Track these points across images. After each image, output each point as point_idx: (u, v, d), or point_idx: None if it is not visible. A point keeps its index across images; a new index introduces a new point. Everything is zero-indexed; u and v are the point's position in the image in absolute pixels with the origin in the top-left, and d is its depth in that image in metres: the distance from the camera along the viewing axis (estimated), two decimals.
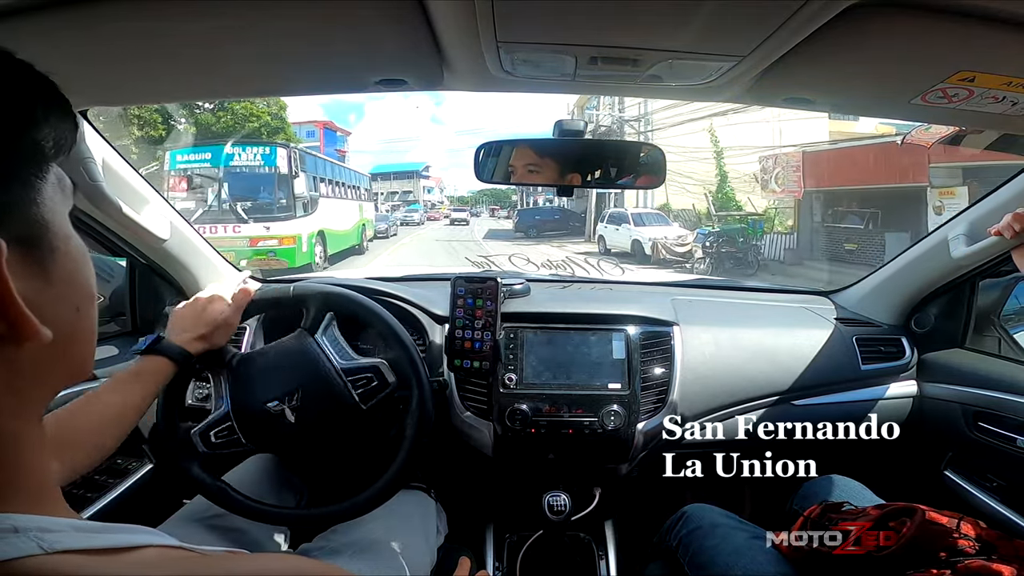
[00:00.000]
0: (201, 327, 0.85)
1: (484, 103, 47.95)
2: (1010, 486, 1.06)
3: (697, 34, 0.62)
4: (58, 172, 0.35)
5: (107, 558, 0.30)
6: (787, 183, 11.78)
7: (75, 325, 0.35)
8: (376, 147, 71.07)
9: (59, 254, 0.33)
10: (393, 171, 49.78)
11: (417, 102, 65.63)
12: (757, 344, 1.26)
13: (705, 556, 0.91)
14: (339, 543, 0.90)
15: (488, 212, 40.32)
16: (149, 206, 1.10)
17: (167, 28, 0.63)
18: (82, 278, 0.36)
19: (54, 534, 0.29)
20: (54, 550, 0.28)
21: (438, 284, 1.35)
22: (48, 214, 0.33)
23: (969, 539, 0.76)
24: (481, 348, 1.09)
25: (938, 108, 0.75)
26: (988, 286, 1.28)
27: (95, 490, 1.06)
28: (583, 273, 1.70)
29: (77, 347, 0.36)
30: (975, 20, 0.58)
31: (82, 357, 0.37)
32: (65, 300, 0.34)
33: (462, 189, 55.45)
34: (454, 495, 1.24)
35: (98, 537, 0.31)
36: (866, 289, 1.42)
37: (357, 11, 0.62)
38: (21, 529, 0.28)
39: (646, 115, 15.02)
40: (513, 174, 0.96)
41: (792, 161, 11.64)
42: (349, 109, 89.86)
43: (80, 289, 0.36)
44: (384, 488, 0.89)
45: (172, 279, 1.28)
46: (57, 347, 0.32)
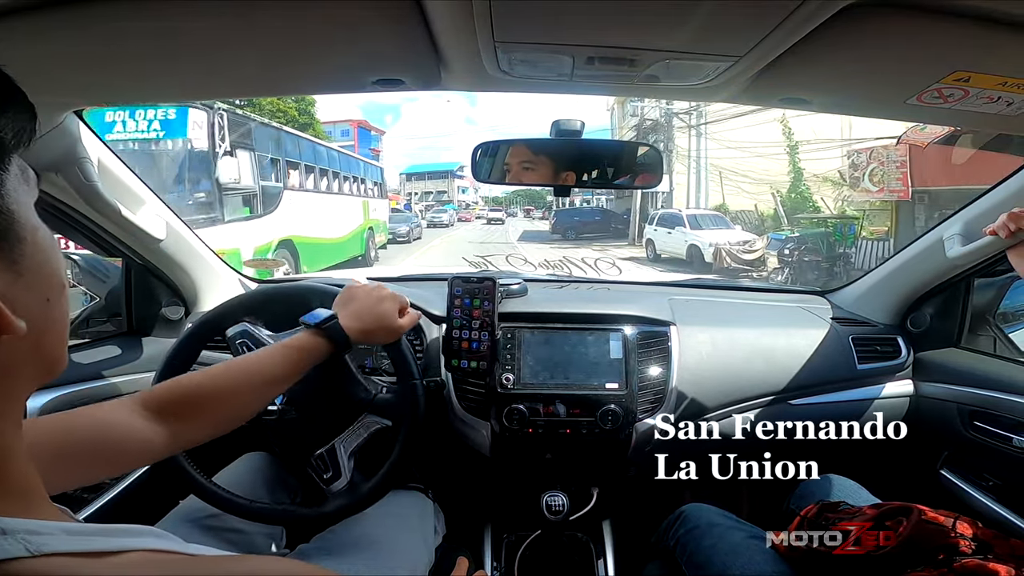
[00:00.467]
0: (371, 321, 0.83)
1: (518, 103, 47.92)
2: (1006, 485, 1.07)
3: (694, 34, 0.62)
4: (20, 163, 0.35)
5: (94, 561, 0.30)
6: (888, 181, 9.49)
7: (46, 316, 0.35)
8: (411, 147, 71.11)
9: (27, 244, 0.33)
10: (428, 171, 49.13)
11: (448, 96, 65.57)
12: (754, 344, 1.26)
13: (703, 555, 0.91)
14: (336, 543, 0.90)
15: (522, 213, 39.47)
16: (145, 206, 1.10)
17: (165, 28, 0.63)
18: (51, 268, 0.36)
19: (42, 537, 0.29)
20: (41, 553, 0.28)
21: (435, 284, 1.35)
22: (12, 204, 0.32)
23: (965, 538, 0.76)
24: (478, 348, 1.09)
25: (934, 108, 0.75)
26: (983, 285, 1.29)
27: (93, 491, 1.05)
28: (580, 273, 1.70)
29: (49, 338, 0.36)
30: (971, 20, 0.58)
31: (55, 349, 0.37)
32: (35, 291, 0.34)
33: (496, 189, 54.24)
34: (452, 495, 1.24)
35: (89, 540, 0.31)
36: (862, 289, 1.42)
37: (355, 11, 0.62)
38: (8, 531, 0.28)
39: (698, 107, 13.32)
40: (510, 173, 0.96)
41: (895, 156, 9.32)
42: (385, 110, 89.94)
43: (49, 279, 0.36)
44: (377, 486, 0.89)
45: (168, 279, 1.28)
46: (29, 339, 0.32)
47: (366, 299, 0.85)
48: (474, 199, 46.71)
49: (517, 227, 25.53)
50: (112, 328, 1.33)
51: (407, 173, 49.00)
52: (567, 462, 1.19)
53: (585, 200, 26.03)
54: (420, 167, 51.37)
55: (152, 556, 0.33)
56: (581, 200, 26.08)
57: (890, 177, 9.44)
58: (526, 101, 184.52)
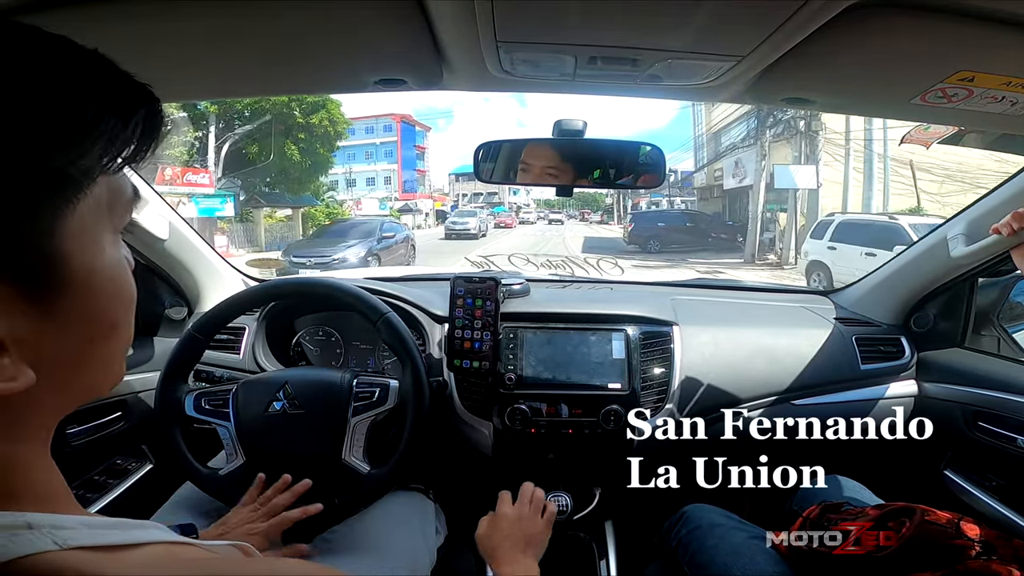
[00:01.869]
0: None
1: (568, 104, 47.80)
2: (1010, 486, 1.06)
3: (697, 34, 0.62)
4: (113, 185, 0.30)
5: (118, 554, 0.30)
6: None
7: (83, 355, 0.32)
8: (463, 150, 70.69)
9: (70, 288, 0.29)
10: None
11: (487, 95, 64.42)
12: (757, 344, 1.26)
13: (704, 556, 0.91)
14: (337, 543, 0.90)
15: (578, 216, 37.07)
16: (148, 206, 1.10)
17: (166, 28, 0.63)
18: (101, 307, 0.31)
19: (67, 531, 0.29)
20: (68, 546, 0.28)
21: (438, 284, 1.35)
22: (68, 244, 0.28)
23: (969, 539, 0.76)
24: (481, 348, 1.09)
25: (938, 108, 0.75)
26: (987, 285, 1.28)
27: (96, 490, 1.06)
28: (582, 273, 1.70)
29: (85, 376, 0.33)
30: (974, 20, 0.58)
31: (92, 384, 0.34)
32: (72, 332, 0.30)
33: (547, 192, 50.59)
34: (454, 495, 1.24)
35: (108, 533, 0.31)
36: (865, 289, 1.42)
37: (356, 11, 0.62)
38: (35, 526, 0.28)
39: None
40: (512, 174, 0.96)
41: None
42: (438, 114, 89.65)
43: (96, 320, 0.31)
44: (402, 451, 0.89)
45: (171, 279, 1.28)
46: (56, 379, 0.30)
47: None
48: (526, 201, 44.10)
49: (576, 232, 21.50)
50: None
51: (456, 173, 47.05)
52: (569, 462, 1.19)
53: (653, 203, 21.60)
54: (468, 167, 49.63)
55: (175, 549, 0.33)
56: (648, 202, 21.66)
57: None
58: (577, 101, 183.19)
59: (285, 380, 0.92)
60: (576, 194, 9.79)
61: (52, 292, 0.28)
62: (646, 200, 21.74)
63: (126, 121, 0.28)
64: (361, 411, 0.90)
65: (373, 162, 32.76)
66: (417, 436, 0.90)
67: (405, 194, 31.92)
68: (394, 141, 32.26)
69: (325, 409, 0.90)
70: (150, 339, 1.27)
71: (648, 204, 21.29)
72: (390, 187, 32.52)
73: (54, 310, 0.28)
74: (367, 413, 0.90)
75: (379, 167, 32.89)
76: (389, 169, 32.84)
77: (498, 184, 1.22)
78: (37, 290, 0.27)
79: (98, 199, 0.29)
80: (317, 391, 0.91)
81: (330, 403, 0.90)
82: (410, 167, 33.63)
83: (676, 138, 47.62)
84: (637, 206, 20.83)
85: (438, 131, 74.77)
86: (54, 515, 0.30)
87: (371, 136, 32.39)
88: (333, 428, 0.89)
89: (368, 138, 31.73)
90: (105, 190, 0.29)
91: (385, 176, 33.01)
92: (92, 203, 0.29)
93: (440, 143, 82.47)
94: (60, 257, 0.27)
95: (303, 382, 0.92)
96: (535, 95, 1.09)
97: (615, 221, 28.46)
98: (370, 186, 32.30)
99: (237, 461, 0.90)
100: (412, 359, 0.92)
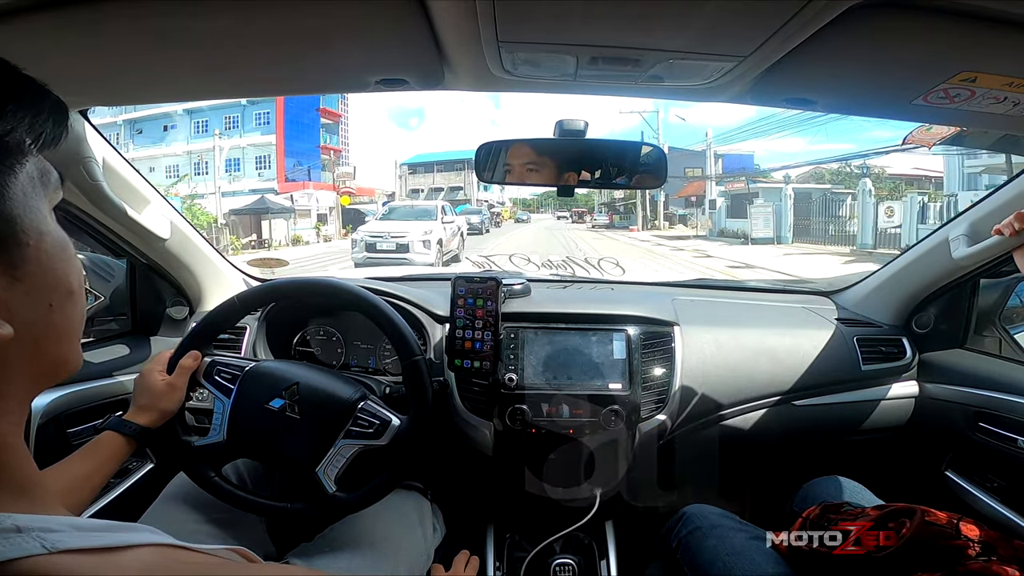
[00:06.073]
0: (142, 398, 0.85)
1: (553, 105, 45.97)
2: (1011, 486, 1.06)
3: (698, 35, 0.62)
4: (41, 165, 0.35)
5: (107, 557, 0.31)
6: None
7: (48, 321, 0.35)
8: (434, 147, 68.34)
9: (28, 250, 0.33)
10: (436, 160, 36.99)
11: (461, 96, 62.48)
12: (758, 344, 1.26)
13: (705, 556, 0.91)
14: (337, 541, 0.90)
15: (571, 217, 32.34)
16: (150, 206, 1.10)
17: (167, 28, 0.63)
18: (58, 274, 0.35)
19: (56, 534, 0.29)
20: (57, 549, 0.28)
21: (439, 284, 1.35)
22: (17, 209, 0.32)
23: (969, 540, 0.76)
24: (482, 348, 1.09)
25: (940, 108, 0.75)
26: (988, 286, 1.28)
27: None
28: (583, 273, 1.70)
29: (50, 344, 0.36)
30: (977, 20, 0.58)
31: (58, 353, 0.37)
32: (35, 296, 0.34)
33: (525, 191, 39.65)
34: (454, 495, 1.24)
35: (98, 536, 0.31)
36: (867, 289, 1.41)
37: (358, 11, 0.62)
38: (24, 529, 0.28)
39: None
40: (512, 173, 0.96)
41: None
42: (411, 114, 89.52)
43: (54, 285, 0.35)
44: (377, 487, 0.88)
45: (172, 278, 1.28)
46: (26, 344, 0.32)
47: (138, 381, 0.87)
48: (500, 199, 37.08)
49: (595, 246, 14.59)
50: (116, 327, 1.33)
51: (411, 164, 36.50)
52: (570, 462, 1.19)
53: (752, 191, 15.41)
54: (426, 156, 39.10)
55: (165, 551, 0.34)
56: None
57: None
58: (555, 101, 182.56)
59: (296, 380, 0.90)
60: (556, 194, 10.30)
61: (12, 252, 0.32)
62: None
63: (39, 110, 0.34)
64: (353, 436, 0.87)
65: (239, 133, 23.22)
66: (397, 480, 0.89)
67: (288, 184, 22.78)
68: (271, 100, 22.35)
69: (321, 421, 0.88)
70: (146, 339, 1.27)
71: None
72: (267, 171, 22.90)
73: (18, 270, 0.33)
74: (358, 441, 0.87)
75: (247, 140, 22.84)
76: (267, 143, 22.71)
77: (498, 184, 1.21)
78: (2, 248, 0.32)
79: (31, 174, 0.34)
80: (322, 401, 0.89)
81: (328, 417, 0.88)
82: (306, 140, 23.86)
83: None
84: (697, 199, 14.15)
85: (408, 128, 73.11)
86: (43, 516, 0.30)
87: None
88: (320, 441, 0.87)
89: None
90: (35, 168, 0.34)
91: (259, 156, 23.45)
92: (28, 176, 0.34)
93: (412, 143, 79.99)
94: (13, 218, 0.32)
95: (312, 388, 0.90)
96: (521, 95, 1.08)
97: (639, 226, 23.21)
98: (200, 175, 22.04)
99: (215, 438, 0.89)
100: (422, 407, 0.90)
